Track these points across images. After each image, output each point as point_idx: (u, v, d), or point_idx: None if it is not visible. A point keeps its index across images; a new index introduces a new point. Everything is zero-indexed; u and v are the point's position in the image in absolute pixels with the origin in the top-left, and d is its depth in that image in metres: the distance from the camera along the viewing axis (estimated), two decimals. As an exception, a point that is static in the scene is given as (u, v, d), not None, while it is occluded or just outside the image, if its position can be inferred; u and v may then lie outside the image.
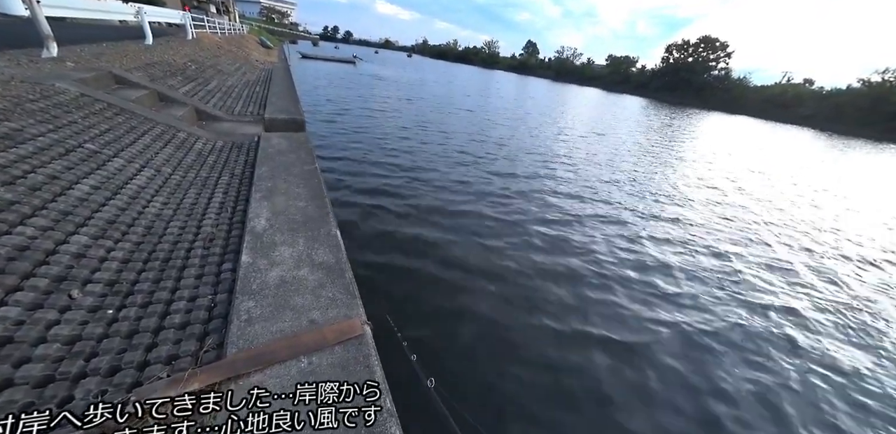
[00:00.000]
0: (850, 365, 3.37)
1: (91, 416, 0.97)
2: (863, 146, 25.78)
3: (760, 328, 3.70)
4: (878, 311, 4.36)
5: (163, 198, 2.56)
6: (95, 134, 2.95)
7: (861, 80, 46.53)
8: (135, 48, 6.27)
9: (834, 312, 4.22)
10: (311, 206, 2.61)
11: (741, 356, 3.28)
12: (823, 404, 2.90)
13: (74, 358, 1.28)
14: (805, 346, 3.55)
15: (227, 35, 16.57)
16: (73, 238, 1.82)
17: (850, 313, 4.25)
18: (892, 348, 3.69)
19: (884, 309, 4.43)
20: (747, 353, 3.33)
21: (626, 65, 74.61)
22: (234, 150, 3.90)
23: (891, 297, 4.76)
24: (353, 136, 9.12)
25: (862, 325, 4.05)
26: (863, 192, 11.07)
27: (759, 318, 3.89)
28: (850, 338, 3.79)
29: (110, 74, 4.44)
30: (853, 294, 4.69)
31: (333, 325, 1.54)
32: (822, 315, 4.13)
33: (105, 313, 1.51)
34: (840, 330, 3.92)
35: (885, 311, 4.38)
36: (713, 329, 3.57)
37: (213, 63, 8.54)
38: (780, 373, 3.15)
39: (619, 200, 7.01)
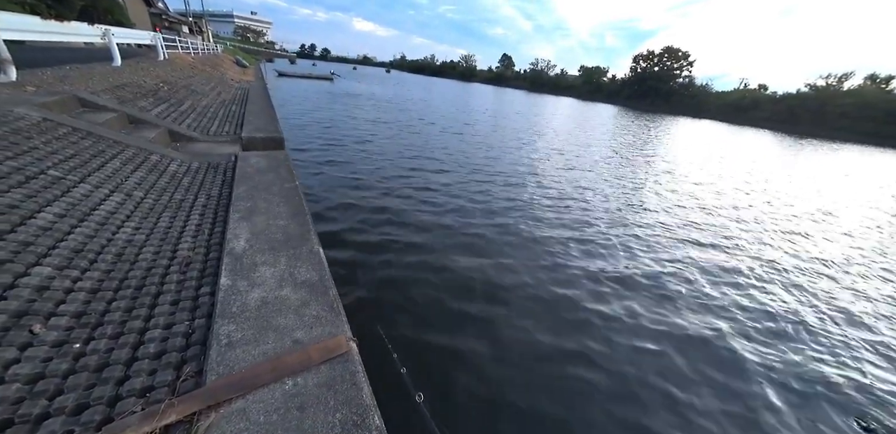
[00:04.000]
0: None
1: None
2: (807, 145, 27.78)
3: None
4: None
5: (134, 223, 2.47)
6: (59, 159, 2.84)
7: (808, 84, 50.70)
8: (102, 70, 6.13)
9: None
10: (293, 224, 2.58)
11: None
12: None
13: (36, 397, 1.19)
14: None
15: (201, 55, 16.45)
16: (34, 270, 1.73)
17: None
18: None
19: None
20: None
21: (598, 75, 78.45)
22: (211, 171, 3.82)
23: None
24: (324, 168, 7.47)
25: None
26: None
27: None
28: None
29: (75, 98, 4.31)
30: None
31: (318, 343, 1.51)
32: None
33: (71, 347, 1.42)
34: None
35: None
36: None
37: (186, 83, 8.43)
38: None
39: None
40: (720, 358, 3.28)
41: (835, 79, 49.05)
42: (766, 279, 4.88)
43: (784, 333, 3.77)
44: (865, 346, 3.72)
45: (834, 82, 48.92)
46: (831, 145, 29.71)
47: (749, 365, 3.22)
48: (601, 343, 3.28)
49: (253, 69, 23.59)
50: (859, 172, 16.26)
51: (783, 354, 3.43)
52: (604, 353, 3.15)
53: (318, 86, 28.28)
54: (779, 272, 5.15)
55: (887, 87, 46.27)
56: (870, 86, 47.03)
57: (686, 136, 23.49)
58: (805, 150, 23.98)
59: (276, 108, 8.29)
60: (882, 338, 3.88)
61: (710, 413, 2.67)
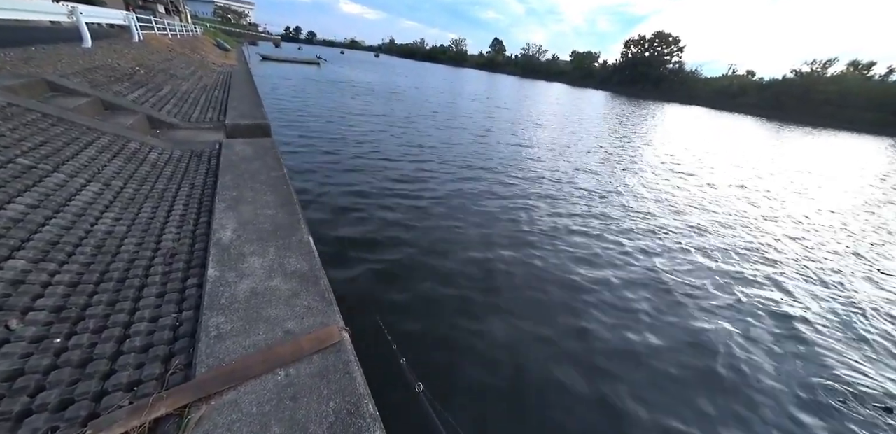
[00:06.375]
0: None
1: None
2: (792, 130, 27.96)
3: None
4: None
5: (114, 213, 2.37)
6: (29, 147, 2.68)
7: (794, 70, 50.94)
8: (71, 51, 5.75)
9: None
10: (281, 214, 2.51)
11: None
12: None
13: (16, 395, 1.15)
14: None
15: (179, 37, 15.58)
16: (7, 264, 1.65)
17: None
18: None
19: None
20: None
21: (589, 60, 77.33)
22: (194, 159, 3.68)
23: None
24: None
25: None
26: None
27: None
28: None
29: (43, 81, 4.05)
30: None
31: (310, 334, 1.49)
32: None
33: (52, 343, 1.37)
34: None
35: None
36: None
37: (164, 67, 8.00)
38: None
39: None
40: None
41: (819, 65, 49.37)
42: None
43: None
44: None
45: (819, 68, 49.25)
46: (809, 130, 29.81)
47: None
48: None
49: (235, 53, 22.49)
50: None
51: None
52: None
53: (305, 71, 26.91)
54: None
55: (868, 74, 46.84)
56: (852, 72, 47.54)
57: (674, 123, 23.45)
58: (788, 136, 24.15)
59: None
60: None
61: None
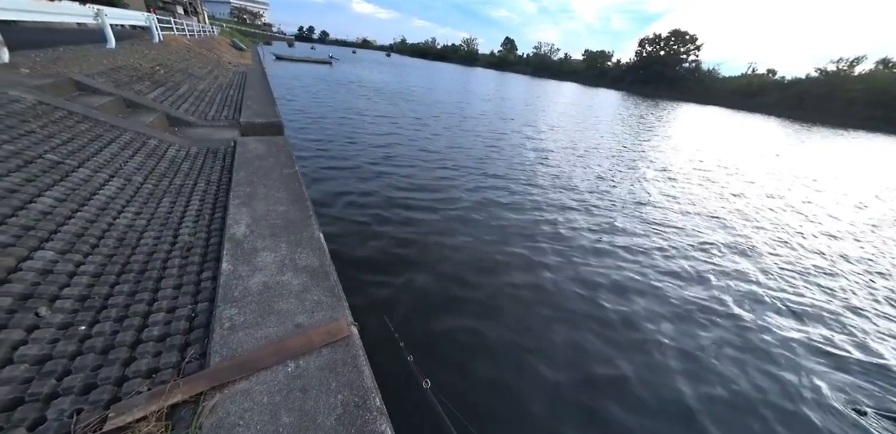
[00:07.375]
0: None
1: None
2: (818, 132, 26.88)
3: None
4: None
5: (135, 208, 2.47)
6: (57, 143, 2.81)
7: (818, 69, 48.96)
8: (96, 52, 5.97)
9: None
10: (293, 210, 2.57)
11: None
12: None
13: (45, 378, 1.22)
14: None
15: (196, 37, 15.99)
16: (37, 254, 1.73)
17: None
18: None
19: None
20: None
21: (602, 59, 76.03)
22: (210, 156, 3.78)
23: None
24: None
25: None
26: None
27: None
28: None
29: (70, 81, 4.22)
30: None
31: (320, 327, 1.53)
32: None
33: (77, 330, 1.45)
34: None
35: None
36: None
37: (182, 66, 8.23)
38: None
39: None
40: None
41: (846, 63, 47.40)
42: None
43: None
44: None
45: (845, 67, 47.28)
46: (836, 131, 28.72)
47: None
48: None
49: (250, 52, 22.95)
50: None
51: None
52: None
53: (316, 71, 27.12)
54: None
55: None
56: (882, 70, 45.49)
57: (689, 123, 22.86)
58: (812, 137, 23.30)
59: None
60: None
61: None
